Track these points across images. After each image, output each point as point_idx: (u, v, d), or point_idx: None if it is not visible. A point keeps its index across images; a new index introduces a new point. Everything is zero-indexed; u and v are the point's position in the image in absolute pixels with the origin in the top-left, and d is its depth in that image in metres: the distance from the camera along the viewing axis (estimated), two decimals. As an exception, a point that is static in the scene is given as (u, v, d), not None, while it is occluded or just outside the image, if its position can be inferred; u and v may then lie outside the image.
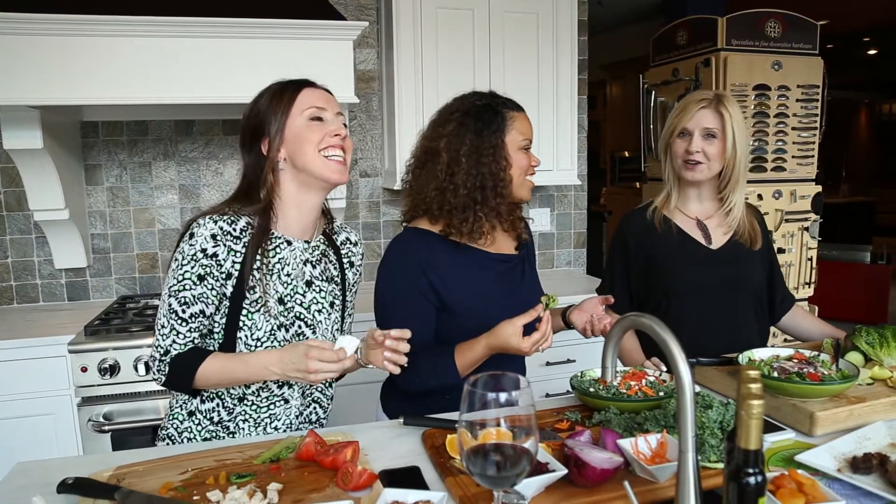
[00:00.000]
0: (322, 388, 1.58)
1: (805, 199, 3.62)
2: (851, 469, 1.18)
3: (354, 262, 1.64)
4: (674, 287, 1.88)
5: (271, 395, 1.49)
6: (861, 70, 9.84)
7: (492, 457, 0.86)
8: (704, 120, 1.81)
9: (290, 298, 1.45)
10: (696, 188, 1.90)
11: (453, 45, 2.91)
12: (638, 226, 1.95)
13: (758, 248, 1.89)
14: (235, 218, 1.42)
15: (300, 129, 1.41)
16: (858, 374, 1.45)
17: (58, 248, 2.84)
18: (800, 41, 3.55)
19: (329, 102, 1.47)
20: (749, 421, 0.83)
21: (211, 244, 1.38)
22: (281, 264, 1.45)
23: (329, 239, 1.59)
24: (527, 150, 1.61)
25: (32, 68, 2.22)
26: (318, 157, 1.41)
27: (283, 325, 1.43)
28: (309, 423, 1.57)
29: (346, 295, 1.61)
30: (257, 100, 1.47)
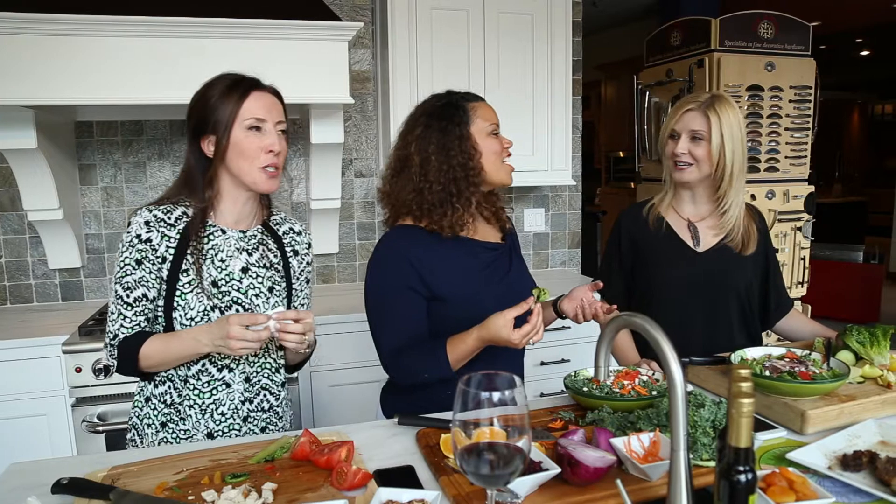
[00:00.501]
0: (269, 374, 1.60)
1: (798, 199, 3.64)
2: (842, 467, 1.19)
3: (299, 250, 1.68)
4: (656, 285, 1.91)
5: (212, 378, 1.53)
6: (854, 71, 9.90)
7: (485, 456, 0.87)
8: (691, 122, 1.82)
9: (224, 283, 1.51)
10: (689, 189, 1.91)
11: (448, 46, 2.92)
12: (633, 221, 1.98)
13: (749, 252, 1.89)
14: (171, 207, 1.51)
15: (239, 139, 1.46)
16: (849, 372, 1.46)
17: (52, 248, 2.84)
18: (792, 42, 3.57)
19: (271, 111, 1.50)
20: (739, 419, 0.84)
21: (145, 230, 1.47)
22: (215, 250, 1.52)
23: (269, 229, 1.64)
24: (496, 134, 1.63)
25: (26, 68, 2.21)
26: (253, 169, 1.48)
27: (217, 306, 1.49)
28: (261, 410, 1.60)
29: (292, 282, 1.65)
30: (206, 92, 1.49)
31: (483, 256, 1.67)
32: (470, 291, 1.60)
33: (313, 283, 3.25)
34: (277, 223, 1.67)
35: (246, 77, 1.51)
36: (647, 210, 1.97)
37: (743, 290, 1.91)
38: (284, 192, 3.16)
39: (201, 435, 1.54)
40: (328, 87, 2.47)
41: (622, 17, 6.19)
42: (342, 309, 2.72)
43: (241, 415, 1.56)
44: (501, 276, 1.67)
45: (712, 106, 1.80)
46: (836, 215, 7.99)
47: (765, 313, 2.00)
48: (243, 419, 1.57)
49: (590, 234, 5.80)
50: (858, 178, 11.17)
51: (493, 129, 1.63)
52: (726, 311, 1.90)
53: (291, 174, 3.16)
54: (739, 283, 1.90)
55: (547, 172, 3.16)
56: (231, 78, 1.50)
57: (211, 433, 1.54)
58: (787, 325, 2.01)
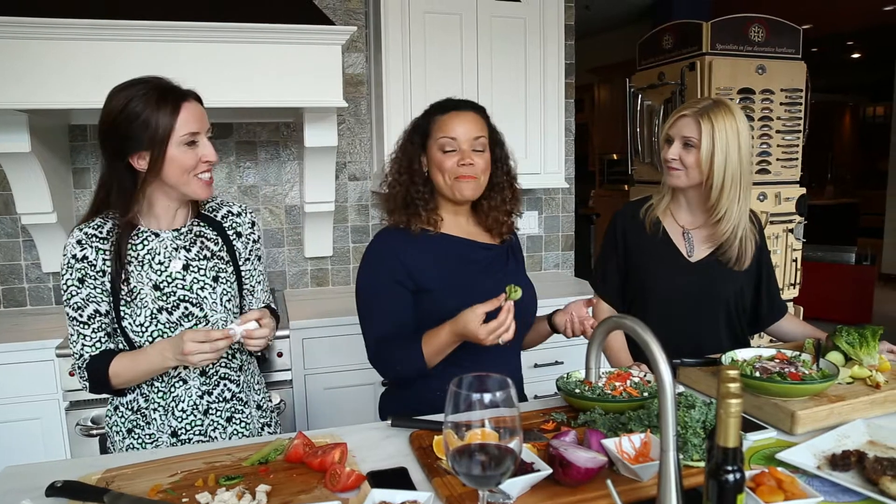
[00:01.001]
0: (226, 362, 1.61)
1: (790, 201, 3.66)
2: (830, 466, 1.21)
3: (242, 231, 1.66)
4: (646, 290, 1.92)
5: (169, 378, 1.56)
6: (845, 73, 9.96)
7: (477, 457, 0.88)
8: (684, 129, 1.82)
9: (167, 284, 1.52)
10: (683, 195, 1.92)
11: (441, 50, 2.93)
12: (629, 221, 1.98)
13: (741, 268, 1.87)
14: (102, 222, 1.51)
15: (175, 155, 1.44)
16: (838, 373, 1.47)
17: (45, 252, 2.83)
18: (783, 46, 3.60)
19: (201, 121, 1.49)
20: (727, 419, 0.85)
21: (78, 249, 1.48)
22: (151, 254, 1.52)
23: (206, 218, 1.63)
24: (448, 151, 1.61)
25: (20, 72, 2.22)
26: (190, 180, 1.48)
27: (163, 308, 1.51)
28: (223, 400, 1.61)
29: (239, 264, 1.65)
30: (127, 105, 1.42)
31: (475, 254, 1.69)
32: (457, 283, 1.62)
33: (308, 287, 3.26)
34: (213, 209, 1.65)
35: (169, 86, 1.46)
36: (645, 211, 1.96)
37: (733, 300, 1.91)
38: (279, 196, 3.17)
39: (166, 436, 1.56)
40: (322, 90, 2.48)
41: (615, 20, 6.22)
42: (336, 312, 2.72)
43: (200, 409, 1.58)
44: (493, 274, 1.69)
45: (706, 113, 1.78)
46: (828, 217, 8.03)
47: (755, 319, 2.00)
48: (203, 412, 1.58)
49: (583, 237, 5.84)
50: (850, 180, 11.23)
51: (445, 143, 1.61)
52: (714, 319, 1.91)
53: (285, 177, 3.17)
54: (730, 294, 1.90)
55: (540, 175, 3.18)
56: (152, 88, 1.44)
57: (175, 431, 1.56)
58: (778, 328, 2.02)
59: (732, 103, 1.84)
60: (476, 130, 1.63)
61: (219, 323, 1.57)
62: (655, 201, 1.98)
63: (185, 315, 1.53)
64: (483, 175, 1.65)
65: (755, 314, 1.99)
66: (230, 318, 1.60)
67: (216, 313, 1.57)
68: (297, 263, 3.24)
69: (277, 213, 3.18)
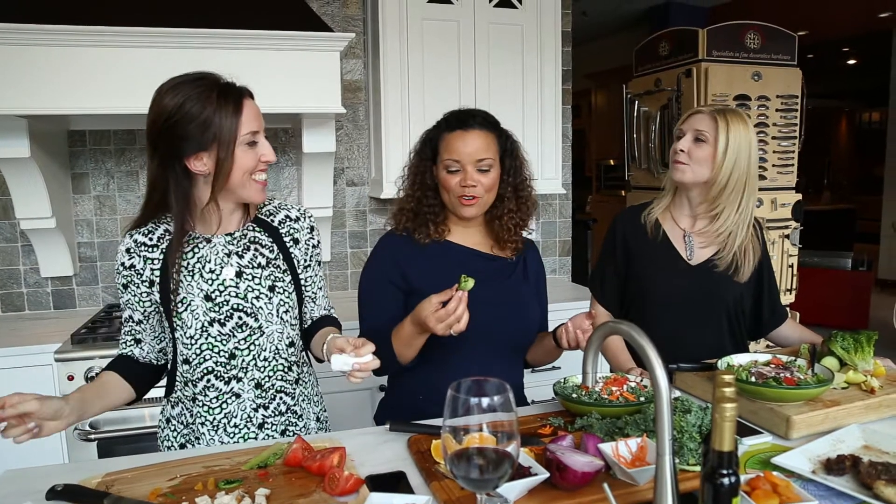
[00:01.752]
0: (282, 374, 1.54)
1: (786, 206, 3.68)
2: (825, 470, 1.21)
3: (300, 238, 1.58)
4: (646, 293, 1.93)
5: (220, 393, 1.49)
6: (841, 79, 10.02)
7: (475, 460, 0.89)
8: (697, 123, 1.83)
9: (219, 294, 1.45)
10: (685, 195, 1.91)
11: (439, 56, 2.94)
12: (629, 224, 1.98)
13: (738, 279, 1.86)
14: (153, 227, 1.48)
15: (239, 156, 1.38)
16: (833, 378, 1.49)
17: (44, 257, 2.84)
18: (779, 52, 3.63)
19: (259, 118, 1.43)
20: (723, 423, 0.86)
21: (126, 258, 1.46)
22: (202, 262, 1.46)
23: (262, 223, 1.55)
24: (452, 171, 1.63)
25: (20, 78, 2.23)
26: (249, 182, 1.42)
27: (215, 320, 1.45)
28: (278, 414, 1.55)
29: (298, 273, 1.58)
30: (184, 104, 1.34)
31: (475, 264, 1.70)
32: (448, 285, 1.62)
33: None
34: (271, 213, 1.57)
35: (226, 83, 1.41)
36: (645, 214, 1.97)
37: (733, 304, 1.91)
38: (277, 201, 3.17)
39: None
40: (320, 96, 2.49)
41: (612, 27, 6.26)
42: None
43: (255, 422, 1.52)
44: (492, 286, 1.69)
45: (723, 113, 1.81)
46: (824, 222, 8.06)
47: (757, 325, 2.00)
48: (258, 426, 1.52)
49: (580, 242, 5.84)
50: (847, 186, 11.27)
51: (449, 164, 1.63)
52: (714, 323, 1.91)
53: (283, 183, 3.18)
54: (729, 298, 1.90)
55: (537, 181, 3.13)
56: (209, 85, 1.38)
57: None
58: (776, 333, 2.03)
59: (745, 114, 1.86)
60: (481, 152, 1.62)
61: (274, 335, 1.51)
62: (656, 204, 1.98)
63: (239, 325, 1.46)
64: (488, 193, 1.66)
65: (756, 320, 1.99)
66: (287, 330, 1.53)
67: (272, 324, 1.50)
68: (295, 268, 3.25)
69: (276, 218, 3.18)
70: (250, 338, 1.48)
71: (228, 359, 1.47)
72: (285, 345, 1.54)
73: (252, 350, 1.48)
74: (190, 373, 1.49)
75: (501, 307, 1.68)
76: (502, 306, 1.69)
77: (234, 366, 1.48)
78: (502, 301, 1.69)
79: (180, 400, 1.54)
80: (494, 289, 1.69)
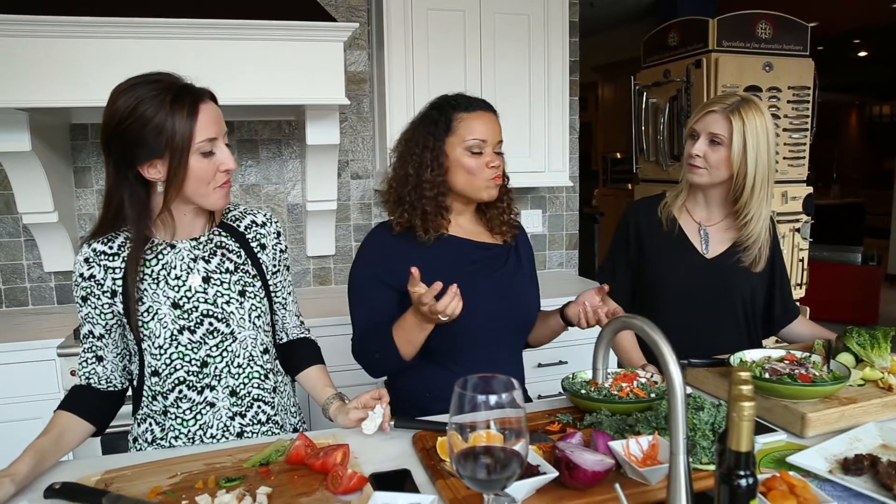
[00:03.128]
0: (258, 382, 1.48)
1: (796, 200, 3.63)
2: (843, 470, 1.18)
3: (267, 243, 1.52)
4: (659, 285, 1.89)
5: (193, 404, 1.43)
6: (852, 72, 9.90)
7: (482, 460, 0.85)
8: (712, 125, 1.76)
9: (187, 301, 1.39)
10: (702, 192, 1.88)
11: (444, 47, 2.90)
12: (643, 216, 1.95)
13: (757, 269, 1.84)
14: (113, 235, 1.39)
15: (195, 165, 1.30)
16: (850, 375, 1.45)
17: (47, 252, 2.82)
18: (791, 42, 3.57)
19: (219, 123, 1.34)
20: (740, 423, 0.83)
21: (85, 268, 1.37)
22: (167, 269, 1.39)
23: (228, 228, 1.49)
24: (477, 152, 1.58)
25: (20, 70, 2.20)
26: (209, 191, 1.35)
27: (185, 327, 1.38)
28: (258, 423, 1.49)
29: (267, 278, 1.52)
30: (136, 107, 1.26)
31: (473, 254, 1.67)
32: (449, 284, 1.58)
33: (310, 286, 3.25)
34: (237, 218, 1.52)
35: (182, 85, 1.31)
36: (660, 207, 1.93)
37: (748, 298, 1.88)
38: (280, 194, 3.15)
39: None
40: (324, 88, 2.46)
41: (619, 17, 6.19)
42: (339, 311, 2.69)
43: (233, 431, 1.45)
44: (490, 274, 1.67)
45: (737, 110, 1.73)
46: (833, 217, 7.99)
47: (769, 321, 1.97)
48: (237, 435, 1.46)
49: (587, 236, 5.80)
50: (856, 180, 11.17)
51: (474, 145, 1.58)
52: (729, 317, 1.88)
53: (287, 176, 3.15)
54: (744, 292, 1.87)
55: (544, 173, 3.15)
56: (164, 88, 1.28)
57: None
58: (790, 332, 1.99)
59: (759, 101, 1.80)
60: (499, 133, 1.62)
61: (247, 340, 1.45)
62: (671, 198, 1.94)
63: (210, 332, 1.40)
64: (503, 176, 1.66)
65: (768, 315, 1.96)
66: (260, 336, 1.48)
67: (244, 329, 1.44)
68: (299, 262, 3.22)
69: (279, 211, 3.16)
70: (222, 344, 1.42)
71: (200, 367, 1.41)
72: (259, 351, 1.48)
73: (225, 357, 1.42)
74: (160, 385, 1.41)
75: (501, 296, 1.66)
76: (502, 295, 1.66)
77: (206, 374, 1.41)
78: (502, 289, 1.66)
79: (147, 416, 1.46)
80: (493, 278, 1.66)
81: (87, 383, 1.43)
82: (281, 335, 1.62)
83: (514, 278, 1.71)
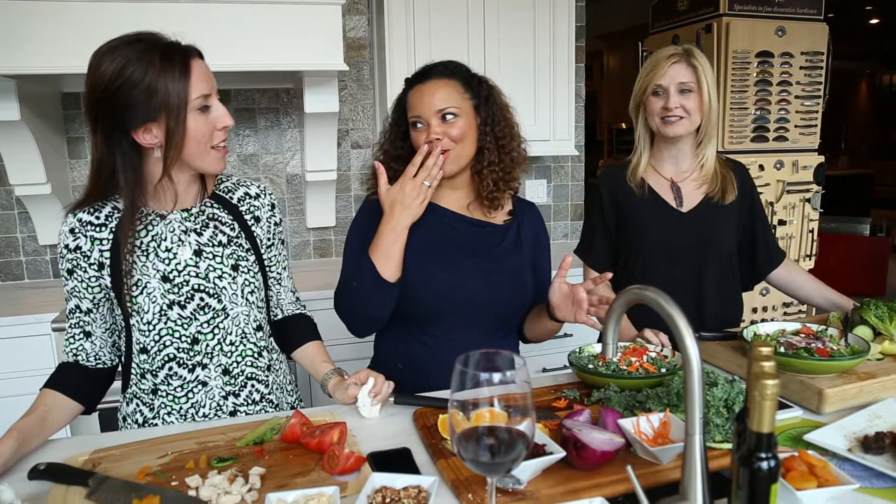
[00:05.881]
0: (252, 360, 1.44)
1: (807, 169, 3.54)
2: (863, 449, 1.13)
3: (261, 215, 1.48)
4: (642, 248, 1.86)
5: (184, 382, 1.38)
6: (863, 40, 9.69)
7: (485, 441, 0.80)
8: (679, 75, 1.77)
9: (177, 274, 1.34)
10: (673, 147, 1.85)
11: (447, 11, 2.81)
12: (613, 183, 1.92)
13: (730, 200, 1.84)
14: (100, 205, 1.32)
15: (191, 125, 1.25)
16: (869, 349, 1.39)
17: (41, 224, 2.76)
18: (805, 6, 3.45)
19: (210, 80, 1.28)
20: (762, 402, 0.77)
21: (71, 238, 1.31)
22: (156, 241, 1.34)
23: (220, 199, 1.44)
24: (420, 129, 1.51)
25: (6, 35, 2.12)
26: (207, 152, 1.29)
27: (175, 302, 1.33)
28: (251, 402, 1.44)
29: (262, 252, 1.48)
30: (124, 69, 1.19)
31: (462, 230, 1.60)
32: (433, 256, 1.56)
33: (311, 258, 3.19)
34: (229, 189, 1.46)
35: (169, 43, 1.24)
36: (629, 175, 1.90)
37: (730, 246, 1.87)
38: (279, 165, 3.07)
39: None
40: (322, 53, 2.38)
41: (626, -17, 6.03)
42: (339, 284, 2.64)
43: (225, 411, 1.41)
44: (480, 253, 1.59)
45: (693, 55, 1.78)
46: (842, 188, 7.88)
47: (753, 268, 1.95)
48: (230, 414, 1.41)
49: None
50: (865, 151, 11.01)
51: (415, 122, 1.52)
52: (715, 270, 1.85)
53: (286, 146, 3.07)
54: (726, 239, 1.86)
55: (549, 142, 3.07)
56: (149, 47, 1.22)
57: None
58: (790, 279, 1.96)
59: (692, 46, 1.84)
60: (440, 101, 1.49)
61: (240, 317, 1.40)
62: (634, 161, 1.92)
63: (200, 308, 1.35)
64: (460, 144, 1.51)
65: (752, 262, 1.95)
66: (254, 313, 1.43)
67: (237, 306, 1.39)
68: (298, 234, 3.16)
69: (278, 182, 3.09)
70: (214, 320, 1.37)
71: (191, 344, 1.36)
72: (253, 328, 1.44)
73: (217, 334, 1.37)
74: (149, 362, 1.37)
75: (488, 277, 1.56)
76: (489, 276, 1.56)
77: (197, 351, 1.37)
78: (489, 270, 1.57)
79: (135, 395, 1.41)
80: (481, 257, 1.58)
81: (75, 360, 1.38)
82: (276, 311, 1.57)
83: (507, 259, 1.61)
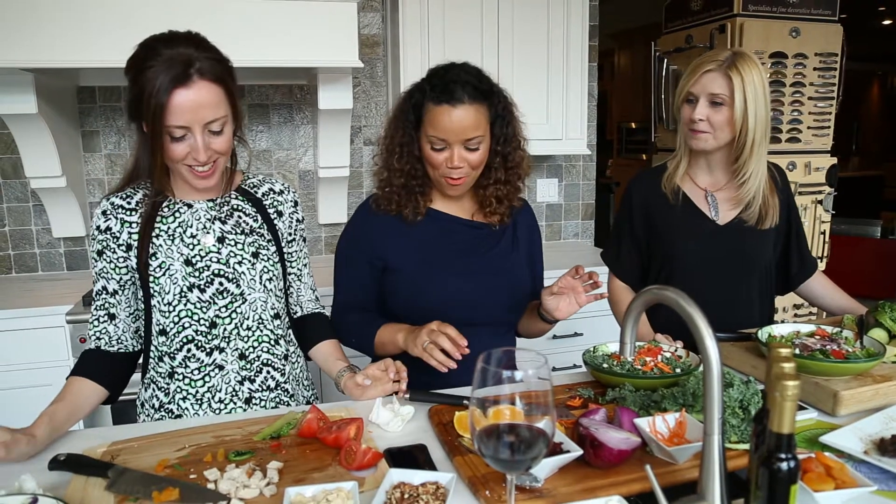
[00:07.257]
0: (268, 347, 1.47)
1: (820, 171, 3.52)
2: (879, 451, 1.12)
3: (284, 210, 1.52)
4: (673, 259, 1.82)
5: (201, 364, 1.42)
6: (875, 41, 9.62)
7: (505, 438, 0.80)
8: (711, 85, 1.68)
9: (199, 259, 1.39)
10: (704, 158, 1.80)
11: (461, 8, 2.81)
12: (646, 189, 1.87)
13: (767, 226, 1.77)
14: (132, 191, 1.41)
15: (165, 142, 1.28)
16: (885, 351, 1.39)
17: (56, 217, 2.78)
18: (819, 7, 3.43)
19: (198, 111, 1.26)
20: (783, 403, 0.77)
21: (102, 220, 1.38)
22: (182, 227, 1.40)
23: (245, 193, 1.50)
24: (438, 150, 1.49)
25: (25, 29, 2.14)
26: (180, 168, 1.33)
27: (195, 285, 1.38)
28: (266, 389, 1.47)
29: (283, 246, 1.52)
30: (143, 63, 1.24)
31: (460, 233, 1.61)
32: (431, 261, 1.58)
33: (322, 254, 3.20)
34: (255, 185, 1.52)
35: (178, 58, 1.24)
36: (664, 181, 1.85)
37: (764, 262, 1.82)
38: (292, 160, 3.09)
39: None
40: (336, 50, 2.39)
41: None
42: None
43: (241, 396, 1.44)
44: (479, 254, 1.61)
45: (734, 65, 1.65)
46: (853, 189, 7.84)
47: (786, 278, 1.92)
48: (245, 401, 1.44)
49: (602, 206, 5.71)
50: (876, 152, 10.94)
51: (435, 142, 1.48)
52: (747, 285, 1.82)
53: (299, 142, 3.08)
54: (761, 256, 1.81)
55: (561, 141, 3.07)
56: (167, 59, 1.24)
57: None
58: (811, 291, 1.93)
59: (751, 53, 1.71)
60: (470, 130, 1.46)
61: (258, 303, 1.44)
62: (672, 168, 1.85)
63: (219, 292, 1.39)
64: (476, 169, 1.53)
65: (785, 273, 1.90)
66: (271, 300, 1.47)
67: (254, 291, 1.43)
68: (310, 230, 3.17)
69: (291, 178, 3.10)
70: (231, 305, 1.41)
71: (209, 327, 1.40)
72: (270, 315, 1.47)
73: (234, 318, 1.41)
74: (167, 344, 1.41)
75: (486, 278, 1.59)
76: (487, 277, 1.59)
77: (215, 335, 1.41)
78: (487, 272, 1.60)
79: (152, 381, 1.45)
80: (479, 259, 1.60)
81: (97, 346, 1.42)
82: (295, 308, 1.60)
83: (504, 260, 1.64)
